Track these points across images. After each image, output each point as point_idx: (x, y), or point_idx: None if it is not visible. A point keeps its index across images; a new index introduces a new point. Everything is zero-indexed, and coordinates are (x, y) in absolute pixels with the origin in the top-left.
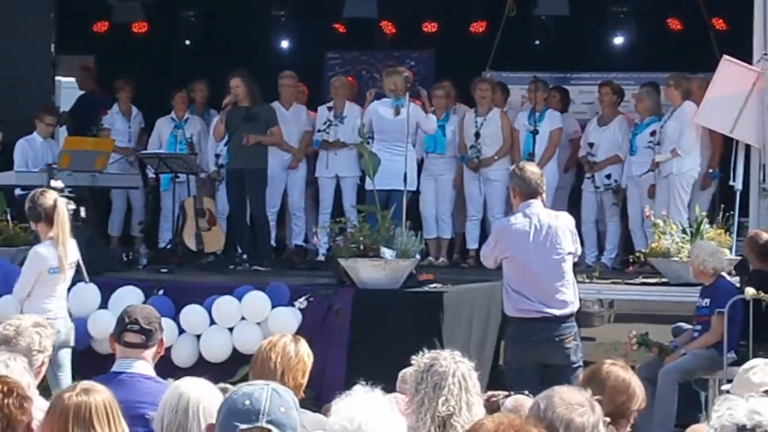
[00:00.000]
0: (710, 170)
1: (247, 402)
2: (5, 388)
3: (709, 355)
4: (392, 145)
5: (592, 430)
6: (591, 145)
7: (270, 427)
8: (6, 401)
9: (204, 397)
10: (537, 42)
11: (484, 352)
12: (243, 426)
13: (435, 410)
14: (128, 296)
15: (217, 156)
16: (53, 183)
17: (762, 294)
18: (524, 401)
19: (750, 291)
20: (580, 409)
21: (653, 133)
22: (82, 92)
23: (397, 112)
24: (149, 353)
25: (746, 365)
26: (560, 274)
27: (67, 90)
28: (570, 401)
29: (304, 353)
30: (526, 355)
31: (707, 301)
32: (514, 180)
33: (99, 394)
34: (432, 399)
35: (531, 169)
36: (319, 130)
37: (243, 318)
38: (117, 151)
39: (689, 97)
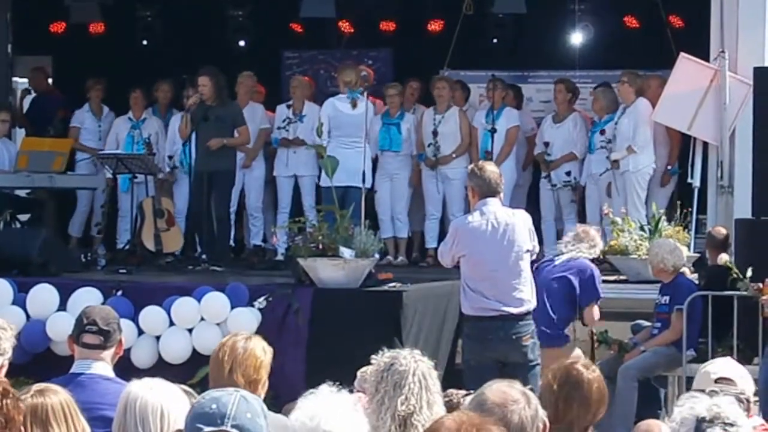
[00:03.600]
0: (668, 167)
1: (214, 406)
2: (1, 389)
3: (669, 352)
4: (349, 141)
5: (532, 423)
6: (546, 144)
7: (234, 431)
8: (5, 401)
9: (144, 396)
10: (494, 40)
11: (443, 350)
12: (207, 429)
13: (395, 409)
14: (87, 297)
15: (170, 157)
16: None
17: (729, 262)
18: None
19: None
20: (515, 406)
21: (603, 132)
22: (36, 94)
23: (354, 104)
24: (108, 354)
25: (705, 364)
26: (518, 272)
27: (25, 91)
28: (503, 401)
29: (256, 348)
30: (484, 354)
31: (667, 298)
32: (473, 179)
33: (55, 395)
34: (392, 398)
35: (490, 168)
36: (278, 128)
37: (202, 319)
38: (85, 150)
39: (643, 94)
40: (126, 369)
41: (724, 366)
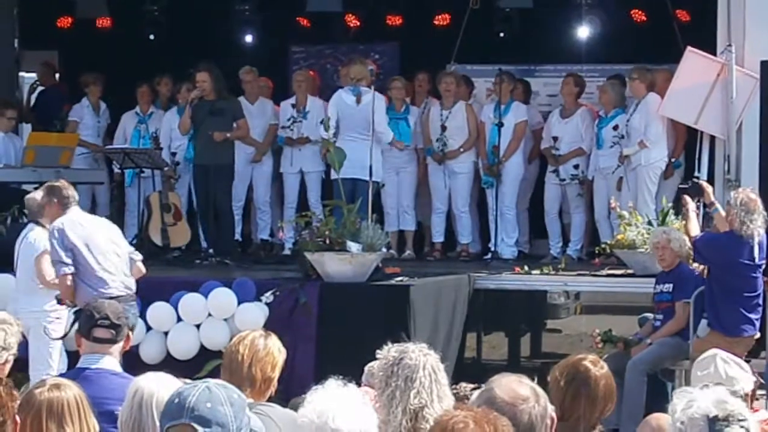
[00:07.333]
0: (672, 159)
1: (176, 400)
2: None
3: (674, 342)
4: (355, 134)
5: (541, 421)
6: (555, 138)
7: (192, 423)
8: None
9: (160, 391)
10: (501, 34)
11: (450, 344)
12: (169, 424)
13: (407, 403)
14: None
15: (174, 154)
16: None
17: None
18: None
19: None
20: (525, 405)
21: (616, 128)
22: (42, 88)
23: (358, 100)
24: (116, 348)
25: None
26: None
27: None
28: (513, 400)
29: (274, 347)
30: None
31: (669, 286)
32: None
33: (69, 390)
34: (404, 392)
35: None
36: (282, 127)
37: (210, 314)
38: (85, 145)
39: (653, 88)
40: (134, 365)
41: (717, 370)
